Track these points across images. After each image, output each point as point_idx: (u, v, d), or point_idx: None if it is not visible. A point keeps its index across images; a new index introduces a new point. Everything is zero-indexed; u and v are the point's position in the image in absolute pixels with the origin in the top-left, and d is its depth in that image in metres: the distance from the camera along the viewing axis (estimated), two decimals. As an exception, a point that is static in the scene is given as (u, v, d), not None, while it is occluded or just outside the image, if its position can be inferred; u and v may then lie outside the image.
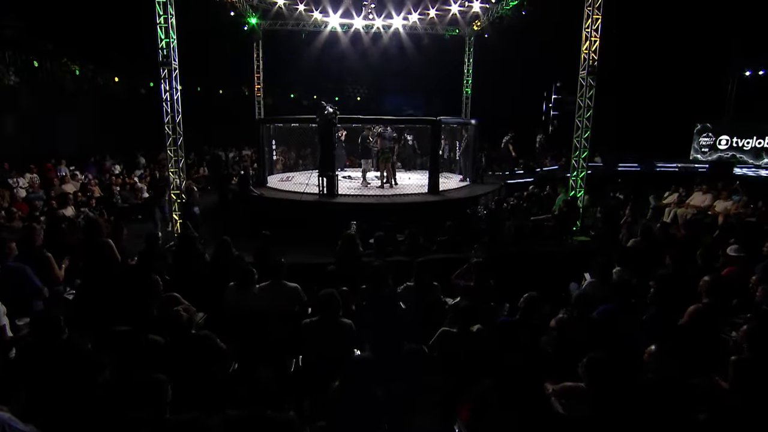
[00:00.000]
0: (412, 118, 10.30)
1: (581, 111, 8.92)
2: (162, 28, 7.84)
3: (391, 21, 14.44)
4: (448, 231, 6.03)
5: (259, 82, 15.87)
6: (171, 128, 8.26)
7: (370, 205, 8.73)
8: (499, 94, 20.07)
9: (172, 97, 8.14)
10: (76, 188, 11.20)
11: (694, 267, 4.97)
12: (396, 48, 16.24)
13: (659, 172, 13.87)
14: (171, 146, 8.36)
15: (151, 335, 3.29)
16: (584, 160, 9.18)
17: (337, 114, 9.04)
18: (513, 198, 10.48)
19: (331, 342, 3.32)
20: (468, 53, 15.98)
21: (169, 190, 8.67)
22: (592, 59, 8.57)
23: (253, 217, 9.26)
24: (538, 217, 8.61)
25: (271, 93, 23.91)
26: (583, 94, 8.81)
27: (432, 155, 9.82)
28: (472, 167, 11.56)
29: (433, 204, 8.96)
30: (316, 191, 9.24)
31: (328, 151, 9.11)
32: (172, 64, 8.01)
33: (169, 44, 7.92)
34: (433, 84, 21.09)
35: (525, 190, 11.78)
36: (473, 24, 15.07)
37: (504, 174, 14.37)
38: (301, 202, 8.89)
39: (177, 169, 8.46)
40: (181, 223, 8.60)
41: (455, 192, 10.03)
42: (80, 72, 16.26)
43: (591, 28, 8.37)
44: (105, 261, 5.06)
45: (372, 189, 10.62)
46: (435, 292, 4.38)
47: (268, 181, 11.07)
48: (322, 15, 14.46)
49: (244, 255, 5.79)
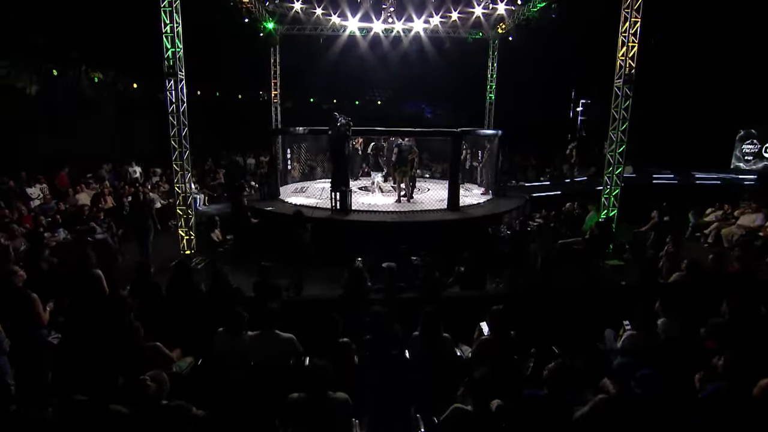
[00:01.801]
0: (431, 131, 9.70)
1: (616, 123, 8.15)
2: (168, 37, 7.48)
3: (411, 24, 13.91)
4: (466, 262, 5.45)
5: (276, 87, 15.52)
6: (177, 141, 7.91)
7: (384, 223, 8.19)
8: (524, 99, 19.21)
9: (178, 109, 7.78)
10: (89, 197, 11.07)
11: (757, 316, 4.25)
12: (417, 52, 15.69)
13: (699, 184, 12.81)
14: (177, 160, 8.01)
15: (114, 406, 2.83)
16: (618, 176, 8.41)
17: (351, 126, 8.54)
18: (539, 216, 9.76)
19: (320, 424, 2.80)
20: (492, 57, 15.29)
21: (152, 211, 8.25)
22: (629, 66, 7.80)
23: (262, 234, 8.89)
24: (567, 240, 7.90)
25: (290, 97, 23.70)
26: (618, 104, 8.05)
27: (452, 169, 9.20)
28: (495, 180, 10.89)
29: (453, 223, 8.35)
30: (329, 205, 8.78)
31: (341, 165, 8.62)
32: (178, 75, 7.65)
33: (175, 54, 7.56)
34: (454, 89, 20.39)
35: (551, 204, 11.06)
36: (498, 27, 14.38)
37: (526, 184, 13.66)
38: (311, 219, 8.42)
39: (183, 183, 8.10)
40: (187, 239, 8.29)
41: (476, 209, 9.39)
42: (102, 78, 16.25)
43: (629, 32, 7.60)
44: (93, 295, 4.70)
45: (387, 198, 10.09)
46: (446, 346, 3.81)
47: (281, 193, 10.68)
48: (340, 19, 14.01)
49: (243, 287, 5.37)
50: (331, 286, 6.09)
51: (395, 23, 13.84)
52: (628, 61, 7.76)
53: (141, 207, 8.99)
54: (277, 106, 15.73)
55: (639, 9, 7.47)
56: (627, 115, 8.03)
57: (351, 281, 4.86)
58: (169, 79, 7.67)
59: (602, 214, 8.60)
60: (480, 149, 12.40)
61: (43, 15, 15.44)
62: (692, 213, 10.83)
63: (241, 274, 8.07)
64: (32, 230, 7.52)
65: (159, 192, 12.34)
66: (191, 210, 8.37)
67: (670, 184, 12.63)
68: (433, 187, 11.45)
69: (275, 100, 15.67)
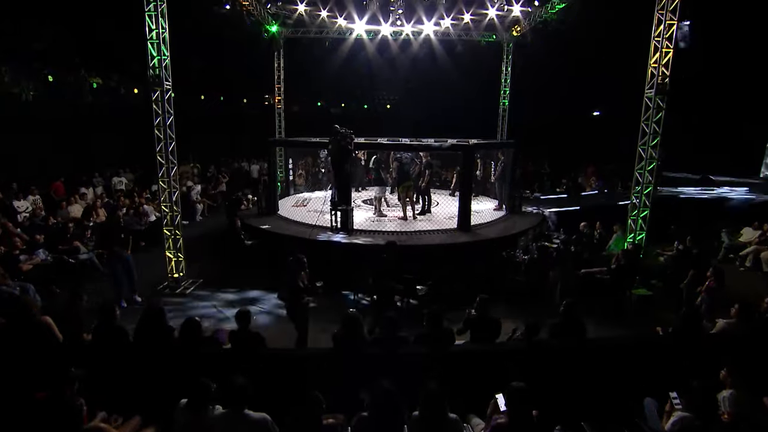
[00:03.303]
0: (441, 144, 8.96)
1: (646, 138, 7.33)
2: (153, 43, 6.86)
3: (421, 27, 13.20)
4: (479, 307, 4.71)
5: (280, 93, 14.89)
6: (164, 157, 7.29)
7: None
8: (540, 105, 18.35)
9: (165, 122, 7.16)
10: (81, 209, 10.54)
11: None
12: (427, 55, 14.95)
13: (727, 198, 11.85)
14: (164, 177, 7.39)
15: None
16: (647, 196, 7.59)
17: (353, 139, 7.84)
18: (557, 237, 8.96)
19: None
20: (506, 61, 14.51)
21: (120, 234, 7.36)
22: (662, 75, 6.98)
23: (256, 256, 8.26)
24: (591, 269, 7.09)
25: (297, 101, 23.14)
26: (649, 117, 7.23)
27: (463, 186, 8.44)
28: (509, 194, 10.11)
29: (463, 247, 7.59)
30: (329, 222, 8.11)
31: (342, 182, 7.93)
32: (164, 84, 7.02)
33: (162, 62, 6.94)
34: (466, 94, 19.57)
35: (569, 220, 10.25)
36: (512, 29, 13.59)
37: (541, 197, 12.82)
38: (309, 241, 7.75)
39: (170, 202, 7.48)
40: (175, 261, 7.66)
41: (489, 229, 8.62)
42: (102, 82, 15.81)
43: (663, 36, 6.78)
44: (43, 344, 4.07)
45: (391, 215, 9.40)
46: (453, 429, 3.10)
47: (280, 208, 10.02)
48: (346, 22, 13.36)
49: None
50: (325, 327, 5.41)
51: (404, 26, 13.17)
52: (662, 69, 6.94)
53: (109, 231, 7.75)
54: (281, 112, 15.11)
55: (675, 10, 6.65)
56: (659, 129, 7.20)
57: (344, 332, 4.16)
58: (155, 89, 7.05)
59: (629, 238, 7.79)
60: (493, 160, 11.65)
61: (43, 18, 15.09)
62: (725, 232, 9.93)
63: (232, 297, 7.50)
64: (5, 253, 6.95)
65: (153, 204, 11.76)
66: (180, 231, 7.72)
67: (698, 200, 11.66)
68: (442, 200, 10.70)
69: (279, 106, 15.05)
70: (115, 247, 7.00)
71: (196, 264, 8.75)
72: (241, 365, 4.04)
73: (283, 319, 6.09)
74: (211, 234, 11.24)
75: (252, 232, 8.71)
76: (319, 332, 5.54)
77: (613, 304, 6.73)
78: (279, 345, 5.43)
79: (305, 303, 5.22)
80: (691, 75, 13.88)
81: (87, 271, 8.02)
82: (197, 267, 8.70)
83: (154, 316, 4.38)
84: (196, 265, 8.75)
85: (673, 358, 4.19)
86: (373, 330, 5.23)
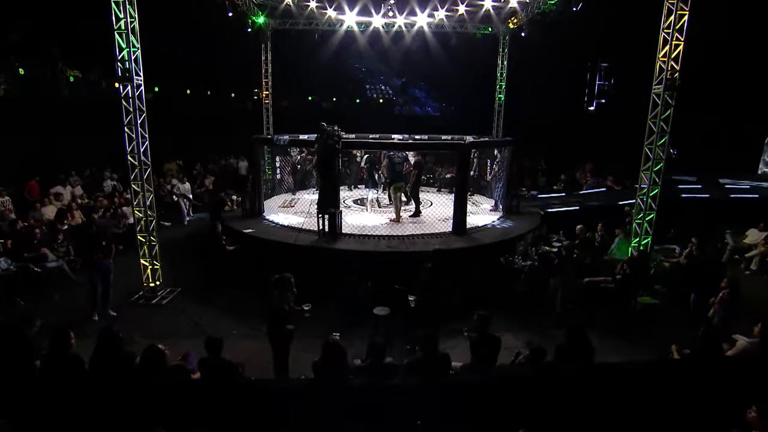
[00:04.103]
0: (436, 143, 8.47)
1: (653, 137, 6.88)
2: (121, 34, 6.28)
3: (414, 18, 12.67)
4: (479, 326, 4.26)
5: (267, 87, 14.27)
6: (135, 158, 6.73)
7: (378, 254, 6.98)
8: (535, 98, 17.87)
9: (136, 120, 6.59)
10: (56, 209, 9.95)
11: None
12: (421, 49, 14.43)
13: (732, 198, 11.46)
14: (136, 180, 6.84)
15: None
16: (653, 199, 7.16)
17: (341, 137, 7.32)
18: (556, 239, 8.54)
19: None
20: (502, 54, 13.99)
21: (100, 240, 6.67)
22: (672, 69, 6.52)
23: (239, 262, 7.75)
24: (595, 278, 6.65)
25: (287, 95, 22.51)
26: (657, 114, 6.77)
27: (458, 187, 7.95)
28: (507, 194, 9.64)
29: (459, 253, 7.12)
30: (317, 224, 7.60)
31: (329, 183, 7.42)
32: (134, 80, 6.45)
33: (131, 54, 6.36)
34: (460, 88, 19.09)
35: (568, 220, 9.83)
36: (509, 21, 13.07)
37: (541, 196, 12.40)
38: (294, 247, 7.25)
39: (144, 207, 6.93)
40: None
41: (486, 233, 8.14)
42: (81, 76, 15.11)
43: (673, 27, 6.31)
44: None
45: (382, 215, 8.91)
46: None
47: (265, 209, 9.50)
48: (336, 13, 12.81)
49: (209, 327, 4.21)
50: (308, 346, 4.93)
51: (396, 17, 12.63)
52: (671, 63, 6.47)
53: (86, 236, 6.93)
54: (268, 107, 14.51)
55: (687, 0, 6.18)
56: (667, 128, 6.75)
57: (325, 361, 3.68)
58: (125, 84, 6.48)
59: (633, 242, 7.37)
60: (489, 158, 11.18)
61: (20, 8, 14.33)
62: (730, 234, 9.56)
63: (212, 312, 6.98)
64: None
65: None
66: (154, 236, 7.19)
67: (700, 199, 11.26)
68: (436, 199, 10.21)
69: (266, 101, 14.45)
70: (95, 255, 6.42)
71: (177, 271, 8.25)
72: (209, 398, 3.58)
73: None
74: (197, 235, 10.70)
75: (235, 237, 8.19)
76: (300, 351, 5.06)
77: (617, 315, 6.31)
78: (260, 363, 4.97)
79: (288, 332, 4.67)
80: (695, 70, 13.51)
81: (56, 281, 7.47)
82: (176, 274, 8.19)
83: (109, 343, 3.87)
84: (175, 273, 8.24)
85: (692, 385, 3.77)
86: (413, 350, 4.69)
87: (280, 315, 4.52)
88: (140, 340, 5.49)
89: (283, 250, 7.36)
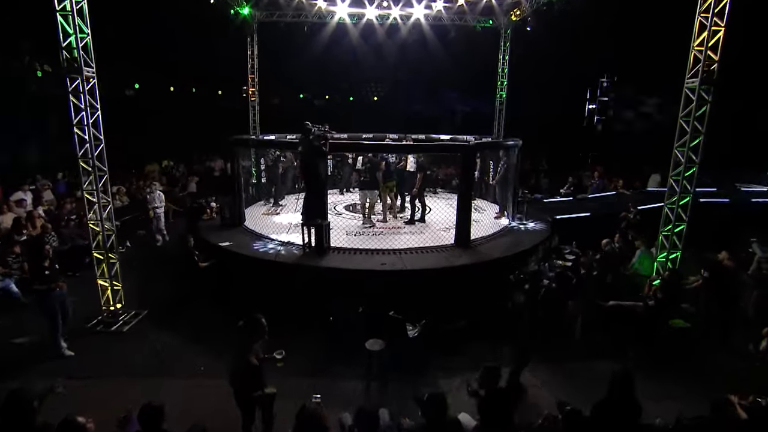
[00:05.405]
0: (437, 144, 7.60)
1: (685, 138, 6.02)
2: (66, 16, 5.33)
3: (410, 10, 11.79)
4: (486, 382, 3.38)
5: (254, 83, 13.33)
6: (89, 163, 5.78)
7: (371, 272, 6.07)
8: (540, 97, 17.02)
9: (87, 120, 5.64)
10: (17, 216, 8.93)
11: None
12: (417, 42, 13.52)
13: (754, 203, 10.63)
14: (90, 187, 5.89)
15: None
16: (683, 208, 6.30)
17: (327, 139, 6.41)
18: (569, 251, 7.69)
19: None
20: (503, 49, 13.13)
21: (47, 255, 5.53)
22: (709, 61, 5.66)
23: (214, 280, 6.84)
24: (621, 302, 5.77)
25: (278, 92, 21.54)
26: (691, 111, 5.91)
27: (462, 194, 7.05)
28: (513, 200, 8.78)
29: (462, 270, 6.23)
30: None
31: (315, 191, 6.51)
32: (83, 72, 5.50)
33: (79, 41, 5.41)
34: (460, 84, 18.21)
35: (578, 228, 9.00)
36: (512, 13, 12.23)
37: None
38: (275, 264, 6.34)
39: (99, 220, 5.98)
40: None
41: (492, 245, 7.23)
42: (52, 70, 14.08)
43: (712, 10, 5.44)
44: None
45: (377, 229, 8.03)
46: None
47: (247, 217, 8.57)
48: (327, 4, 11.92)
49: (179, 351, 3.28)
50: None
51: (391, 9, 11.76)
52: (708, 53, 5.60)
53: (35, 249, 5.56)
54: (255, 105, 13.57)
55: (729, -20, 5.32)
56: (702, 128, 5.89)
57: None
58: (74, 76, 5.53)
59: (660, 257, 6.51)
60: (492, 160, 10.31)
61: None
62: (756, 243, 8.72)
63: (178, 341, 6.05)
64: None
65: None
66: (114, 253, 6.24)
67: (720, 204, 10.41)
68: (435, 204, 9.31)
69: (253, 98, 13.51)
70: (51, 283, 5.39)
71: (147, 287, 7.35)
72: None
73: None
74: (171, 248, 9.78)
75: (210, 250, 7.24)
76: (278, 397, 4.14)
77: (647, 342, 5.46)
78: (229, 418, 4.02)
79: (262, 398, 3.68)
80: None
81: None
82: (145, 293, 7.27)
83: (18, 410, 2.95)
84: (144, 291, 7.33)
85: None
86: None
87: (249, 373, 3.51)
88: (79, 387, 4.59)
89: (263, 267, 6.44)
